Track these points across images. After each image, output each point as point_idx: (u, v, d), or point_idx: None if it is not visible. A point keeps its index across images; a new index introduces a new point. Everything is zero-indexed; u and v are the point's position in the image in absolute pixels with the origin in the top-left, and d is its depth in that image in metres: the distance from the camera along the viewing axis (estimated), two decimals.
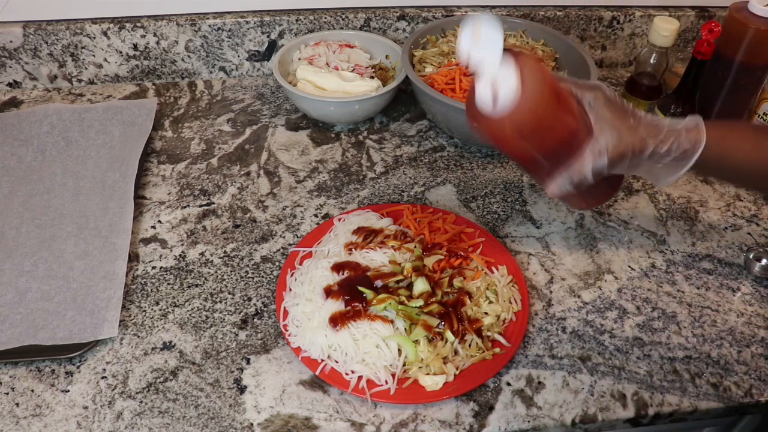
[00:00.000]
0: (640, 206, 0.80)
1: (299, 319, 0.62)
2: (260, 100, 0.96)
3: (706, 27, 0.77)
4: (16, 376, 0.59)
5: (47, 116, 0.86)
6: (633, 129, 0.57)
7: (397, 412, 0.57)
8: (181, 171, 0.83)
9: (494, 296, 0.64)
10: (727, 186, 0.84)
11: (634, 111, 0.58)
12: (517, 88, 0.51)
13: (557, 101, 0.53)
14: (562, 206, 0.80)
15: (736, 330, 0.66)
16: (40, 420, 0.56)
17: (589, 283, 0.70)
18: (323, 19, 0.97)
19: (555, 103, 0.53)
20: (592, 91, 0.57)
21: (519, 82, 0.51)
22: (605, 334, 0.65)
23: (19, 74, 0.95)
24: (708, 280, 0.71)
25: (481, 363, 0.59)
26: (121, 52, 0.95)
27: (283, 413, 0.57)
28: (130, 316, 0.64)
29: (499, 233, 0.75)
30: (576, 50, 0.88)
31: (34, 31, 0.91)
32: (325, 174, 0.83)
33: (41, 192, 0.77)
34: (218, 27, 0.95)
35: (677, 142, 0.57)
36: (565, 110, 0.55)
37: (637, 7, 1.03)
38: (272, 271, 0.70)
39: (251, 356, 0.61)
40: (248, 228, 0.75)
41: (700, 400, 0.59)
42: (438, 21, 0.97)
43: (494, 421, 0.57)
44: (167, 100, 0.96)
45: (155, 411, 0.56)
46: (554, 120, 0.54)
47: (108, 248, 0.69)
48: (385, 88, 0.87)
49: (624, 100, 0.58)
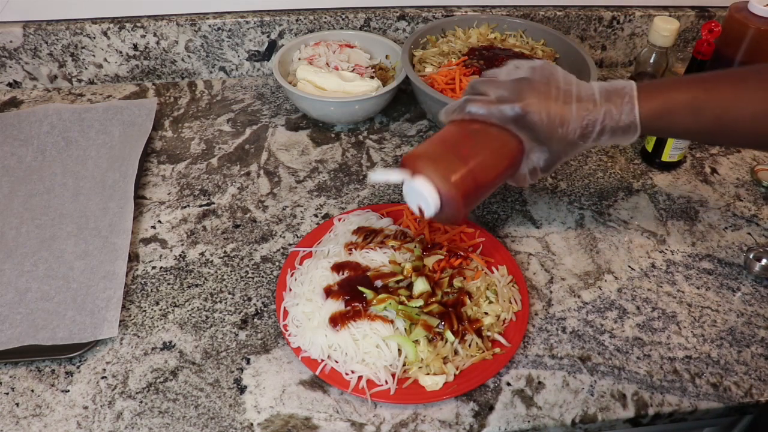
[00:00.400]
0: (640, 206, 0.80)
1: (299, 319, 0.62)
2: (260, 100, 0.96)
3: (706, 27, 0.77)
4: (16, 376, 0.59)
5: (47, 116, 0.86)
6: (565, 137, 0.58)
7: (397, 412, 0.57)
8: (181, 171, 0.83)
9: (494, 296, 0.64)
10: (727, 186, 0.84)
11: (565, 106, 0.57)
12: (433, 199, 0.55)
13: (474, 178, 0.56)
14: (562, 206, 0.80)
15: (736, 330, 0.66)
16: (40, 420, 0.56)
17: (589, 283, 0.70)
18: (323, 19, 0.97)
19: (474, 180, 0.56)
20: (514, 110, 0.57)
21: (433, 193, 0.55)
22: (605, 334, 0.65)
23: (19, 74, 0.95)
24: (708, 280, 0.71)
25: (481, 363, 0.59)
26: (121, 52, 0.95)
27: (283, 413, 0.57)
28: (130, 316, 0.64)
29: (499, 233, 0.75)
30: (576, 50, 0.88)
31: (34, 31, 0.91)
32: (325, 174, 0.83)
33: (41, 192, 0.77)
34: (218, 27, 0.95)
35: (614, 125, 0.57)
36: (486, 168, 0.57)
37: (637, 7, 1.03)
38: (272, 271, 0.70)
39: (251, 356, 0.61)
40: (248, 228, 0.75)
41: (700, 400, 0.59)
42: (438, 21, 0.97)
43: (494, 421, 0.57)
44: (167, 100, 0.96)
45: (155, 411, 0.56)
46: (480, 187, 0.58)
47: (108, 248, 0.69)
48: (385, 88, 0.87)
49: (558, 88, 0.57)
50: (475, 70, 0.87)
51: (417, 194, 0.56)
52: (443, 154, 0.56)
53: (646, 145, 0.87)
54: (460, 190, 0.55)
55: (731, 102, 0.58)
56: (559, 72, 0.59)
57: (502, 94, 0.58)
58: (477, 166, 0.56)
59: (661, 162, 0.85)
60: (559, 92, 0.57)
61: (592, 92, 0.58)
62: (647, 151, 0.86)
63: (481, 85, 0.59)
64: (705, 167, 0.87)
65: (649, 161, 0.87)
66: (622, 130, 0.58)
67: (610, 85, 0.59)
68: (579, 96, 0.57)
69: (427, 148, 0.57)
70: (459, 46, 0.93)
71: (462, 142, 0.57)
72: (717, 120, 0.58)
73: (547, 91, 0.57)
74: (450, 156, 0.56)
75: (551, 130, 0.57)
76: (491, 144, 0.58)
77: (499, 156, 0.58)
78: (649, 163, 0.87)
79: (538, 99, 0.56)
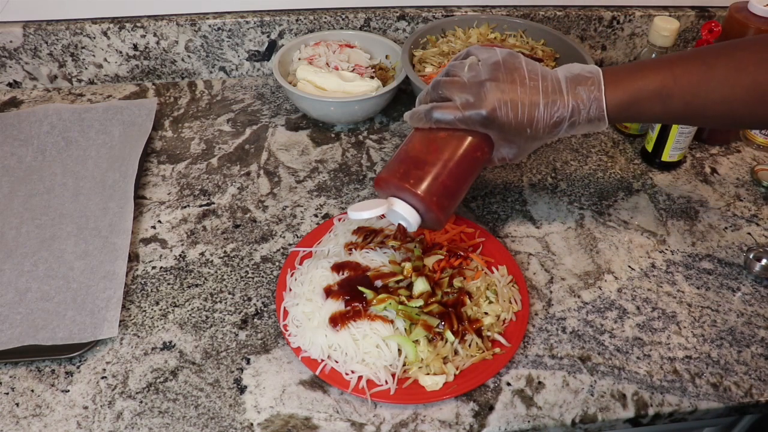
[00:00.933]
0: (640, 206, 0.80)
1: (299, 319, 0.62)
2: (260, 100, 0.96)
3: (706, 27, 0.77)
4: (16, 376, 0.59)
5: (47, 116, 0.86)
6: (533, 136, 0.58)
7: (397, 412, 0.57)
8: (181, 171, 0.83)
9: (494, 296, 0.64)
10: (727, 186, 0.84)
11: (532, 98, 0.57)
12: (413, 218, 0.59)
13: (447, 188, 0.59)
14: (562, 206, 0.80)
15: (736, 330, 0.66)
16: (40, 420, 0.56)
17: (589, 283, 0.70)
18: (323, 19, 0.97)
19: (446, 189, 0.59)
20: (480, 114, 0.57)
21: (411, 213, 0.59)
22: (605, 334, 0.65)
23: (19, 74, 0.95)
24: (708, 280, 0.71)
25: (481, 363, 0.59)
26: (121, 52, 0.95)
27: (283, 413, 0.57)
28: (130, 316, 0.64)
29: (499, 233, 0.75)
30: (576, 50, 0.88)
31: (34, 31, 0.91)
32: (325, 174, 0.83)
33: (41, 192, 0.77)
34: (218, 27, 0.95)
35: (581, 117, 0.58)
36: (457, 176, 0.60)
37: (637, 7, 1.03)
38: (272, 271, 0.70)
39: (251, 356, 0.61)
40: (248, 228, 0.75)
41: (700, 400, 0.59)
42: (438, 21, 0.97)
43: (494, 421, 0.57)
44: (167, 100, 0.96)
45: (155, 411, 0.56)
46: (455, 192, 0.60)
47: (108, 248, 0.69)
48: (385, 88, 0.87)
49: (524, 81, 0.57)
50: None
51: (396, 215, 0.60)
52: (409, 171, 0.59)
53: (646, 145, 0.87)
54: (432, 200, 0.58)
55: (700, 87, 0.57)
56: (522, 64, 0.58)
57: (467, 99, 0.57)
58: (445, 173, 0.59)
59: (661, 162, 0.85)
60: (525, 89, 0.57)
61: (558, 83, 0.58)
62: (647, 151, 0.86)
63: (445, 89, 0.59)
64: (705, 167, 0.87)
65: (649, 161, 0.87)
66: (589, 121, 0.59)
67: (577, 73, 0.58)
68: (545, 90, 0.57)
69: (394, 168, 0.60)
70: (459, 46, 0.93)
71: (428, 151, 0.59)
72: (686, 106, 0.58)
73: (512, 90, 0.57)
74: (416, 171, 0.58)
75: (520, 130, 0.58)
76: (459, 149, 0.60)
77: (468, 159, 0.60)
78: (649, 163, 0.87)
79: (503, 99, 0.56)
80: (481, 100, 0.57)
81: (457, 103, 0.58)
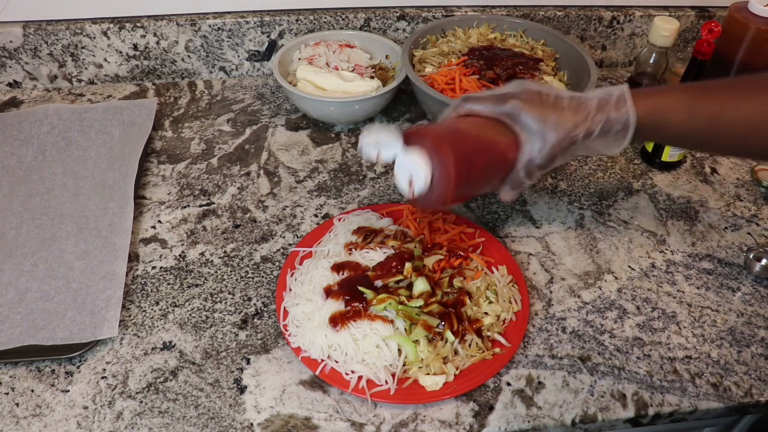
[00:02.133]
0: (640, 206, 0.80)
1: (299, 319, 0.62)
2: (260, 100, 0.96)
3: (706, 27, 0.77)
4: (16, 376, 0.59)
5: (47, 116, 0.86)
6: (559, 125, 0.58)
7: (397, 412, 0.57)
8: (181, 171, 0.83)
9: (494, 296, 0.64)
10: (727, 186, 0.84)
11: (558, 102, 0.59)
12: (425, 173, 0.55)
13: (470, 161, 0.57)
14: (562, 206, 0.80)
15: (736, 330, 0.66)
16: (40, 420, 0.56)
17: (589, 283, 0.70)
18: (323, 19, 0.97)
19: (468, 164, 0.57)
20: (509, 102, 0.59)
21: (427, 167, 0.55)
22: (605, 334, 0.65)
23: (19, 74, 0.95)
24: (708, 280, 0.71)
25: (481, 363, 0.59)
26: (121, 52, 0.95)
27: (283, 413, 0.57)
28: (130, 316, 0.64)
29: (499, 233, 0.75)
30: (576, 50, 0.88)
31: (34, 31, 0.91)
32: (325, 174, 0.83)
33: (41, 192, 0.77)
34: (218, 27, 0.95)
35: (609, 123, 0.58)
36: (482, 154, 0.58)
37: (637, 7, 1.03)
38: (272, 271, 0.70)
39: (251, 356, 0.61)
40: (248, 228, 0.75)
41: (700, 400, 0.59)
42: (438, 21, 0.97)
43: (494, 421, 0.57)
44: (167, 100, 0.96)
45: (155, 411, 0.56)
46: (474, 174, 0.58)
47: (108, 248, 0.69)
48: (385, 88, 0.87)
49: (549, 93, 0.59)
50: (475, 70, 0.87)
51: (410, 167, 0.56)
52: (442, 134, 0.57)
53: (646, 146, 0.87)
54: (455, 167, 0.55)
55: (726, 103, 0.59)
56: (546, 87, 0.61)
57: (498, 92, 0.61)
58: (473, 148, 0.58)
59: (661, 162, 0.85)
60: (550, 94, 0.60)
61: (582, 93, 0.60)
62: (647, 151, 0.86)
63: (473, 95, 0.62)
64: (705, 167, 0.87)
65: (649, 161, 0.87)
66: (615, 126, 0.59)
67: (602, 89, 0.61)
68: (571, 95, 0.60)
69: (428, 127, 0.58)
70: (459, 46, 0.93)
71: (459, 128, 0.60)
72: (712, 120, 0.59)
73: (539, 91, 0.60)
74: (448, 136, 0.57)
75: (545, 115, 0.58)
76: (488, 132, 0.60)
77: (494, 143, 0.59)
78: (649, 163, 0.87)
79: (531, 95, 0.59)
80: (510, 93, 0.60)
81: (487, 95, 0.61)
